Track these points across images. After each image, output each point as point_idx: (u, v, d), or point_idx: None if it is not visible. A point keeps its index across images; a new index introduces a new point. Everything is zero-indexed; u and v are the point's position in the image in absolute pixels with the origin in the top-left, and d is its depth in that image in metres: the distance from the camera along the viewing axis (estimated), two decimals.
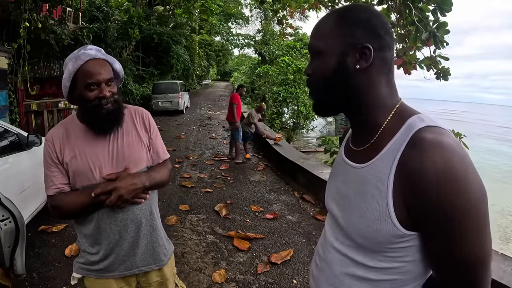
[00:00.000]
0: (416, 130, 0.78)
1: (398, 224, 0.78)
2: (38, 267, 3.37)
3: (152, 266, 1.60)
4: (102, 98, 1.40)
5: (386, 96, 0.88)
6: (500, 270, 2.34)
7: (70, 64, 1.39)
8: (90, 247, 1.52)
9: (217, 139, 10.93)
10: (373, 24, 0.85)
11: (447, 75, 4.57)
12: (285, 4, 7.74)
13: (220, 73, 62.09)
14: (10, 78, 8.24)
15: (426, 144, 0.74)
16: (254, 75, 23.98)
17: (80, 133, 1.48)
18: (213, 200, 5.28)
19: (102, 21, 14.06)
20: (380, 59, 0.86)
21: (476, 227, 0.73)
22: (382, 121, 0.87)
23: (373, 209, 0.81)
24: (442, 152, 0.72)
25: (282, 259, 3.49)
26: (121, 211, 1.48)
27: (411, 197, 0.76)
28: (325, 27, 0.90)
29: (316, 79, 0.91)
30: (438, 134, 0.76)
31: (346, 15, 0.87)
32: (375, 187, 0.82)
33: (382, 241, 0.81)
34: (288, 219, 4.61)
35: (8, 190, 3.31)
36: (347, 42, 0.85)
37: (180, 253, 3.63)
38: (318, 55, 0.90)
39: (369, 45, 0.83)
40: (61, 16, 9.78)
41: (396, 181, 0.78)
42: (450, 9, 3.65)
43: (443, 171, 0.71)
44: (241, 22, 45.99)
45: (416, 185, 0.74)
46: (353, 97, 0.88)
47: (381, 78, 0.87)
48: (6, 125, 3.76)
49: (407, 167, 0.76)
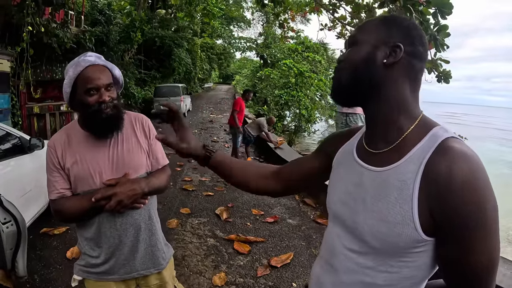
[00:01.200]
0: (443, 139, 0.80)
1: (420, 230, 0.79)
2: (40, 269, 3.39)
3: (151, 270, 1.62)
4: (101, 103, 1.43)
5: (411, 102, 0.91)
6: (499, 273, 2.34)
7: (71, 70, 1.43)
8: (91, 250, 1.54)
9: (218, 143, 10.95)
10: (411, 32, 0.90)
11: (448, 77, 4.56)
12: (287, 7, 7.76)
13: (222, 76, 62.16)
14: (12, 81, 8.27)
15: (454, 152, 0.77)
16: (256, 78, 24.00)
17: (81, 139, 1.51)
18: (214, 204, 5.28)
19: (104, 24, 14.11)
20: (408, 63, 0.89)
21: (489, 237, 0.75)
22: (406, 126, 0.88)
23: (396, 212, 0.81)
24: (469, 162, 0.75)
25: (282, 263, 3.50)
26: (121, 216, 1.51)
27: (436, 202, 0.77)
28: (369, 24, 0.96)
29: (345, 65, 0.95)
30: (463, 145, 0.79)
31: (390, 19, 0.94)
32: (398, 191, 0.82)
33: (402, 246, 0.82)
34: (288, 222, 4.61)
35: (10, 193, 3.33)
36: (382, 37, 0.90)
37: (180, 256, 3.63)
38: (354, 45, 0.95)
39: (401, 45, 0.87)
40: (64, 20, 9.85)
41: (422, 185, 0.79)
42: (451, 12, 3.66)
43: (468, 179, 0.74)
44: (243, 25, 46.19)
45: (443, 190, 0.76)
46: (376, 90, 0.90)
47: (405, 81, 0.90)
48: (8, 128, 3.78)
49: (434, 173, 0.77)
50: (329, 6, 6.75)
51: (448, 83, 4.59)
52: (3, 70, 7.46)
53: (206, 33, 36.98)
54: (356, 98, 0.96)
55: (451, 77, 4.55)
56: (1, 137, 3.62)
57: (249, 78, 29.06)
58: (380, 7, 4.65)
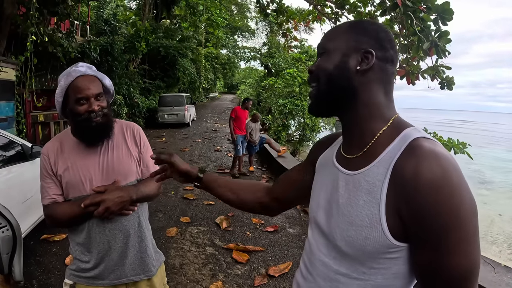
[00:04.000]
0: (412, 139, 0.78)
1: (388, 233, 0.77)
2: (38, 274, 3.39)
3: (141, 276, 1.63)
4: (91, 112, 1.47)
5: (384, 106, 0.90)
6: (502, 282, 2.29)
7: (62, 80, 1.48)
8: (81, 254, 1.56)
9: (221, 152, 10.94)
10: (381, 36, 0.90)
11: (452, 84, 4.55)
12: (289, 17, 7.81)
13: (227, 85, 62.52)
14: (17, 89, 8.37)
15: (423, 152, 0.74)
16: (260, 87, 24.09)
17: (73, 147, 1.55)
18: (215, 213, 5.25)
19: (109, 34, 14.28)
20: (380, 68, 0.89)
21: (466, 238, 0.71)
22: (378, 130, 0.87)
23: (364, 215, 0.80)
24: (439, 161, 0.72)
25: (280, 272, 3.45)
26: (110, 222, 1.53)
27: (404, 204, 0.75)
28: (336, 31, 0.96)
29: (318, 75, 0.94)
30: (434, 144, 0.76)
31: (357, 24, 0.94)
32: (368, 193, 0.81)
33: (370, 250, 0.80)
34: (288, 231, 4.56)
35: (11, 199, 3.35)
36: (352, 45, 0.89)
37: (178, 264, 3.60)
38: (324, 54, 0.94)
39: (372, 51, 0.87)
40: (69, 30, 9.98)
41: (390, 187, 0.77)
42: (451, 18, 3.65)
43: (436, 178, 0.71)
44: (247, 35, 46.65)
45: (410, 191, 0.73)
46: (350, 98, 0.90)
47: (379, 86, 0.89)
48: (11, 136, 3.81)
49: (402, 174, 0.75)
50: (331, 15, 6.79)
51: (452, 90, 4.57)
52: (8, 79, 7.55)
53: (211, 43, 37.35)
54: (332, 107, 0.95)
55: (454, 84, 4.53)
56: (3, 145, 3.65)
57: (253, 88, 29.23)
58: (382, 15, 4.66)
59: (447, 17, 3.72)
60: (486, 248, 8.22)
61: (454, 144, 4.72)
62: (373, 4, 5.90)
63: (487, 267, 2.48)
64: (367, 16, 6.01)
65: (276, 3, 7.60)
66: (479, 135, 38.95)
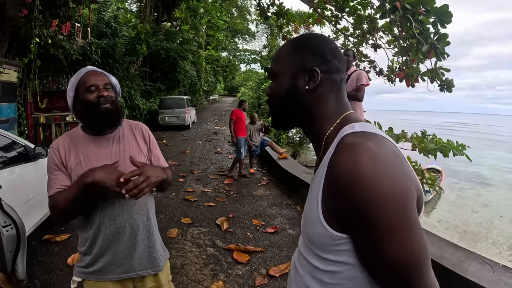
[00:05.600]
0: (341, 137, 0.83)
1: (328, 226, 0.81)
2: (41, 274, 3.42)
3: (149, 271, 1.65)
4: (100, 97, 1.54)
5: (334, 111, 0.94)
6: (501, 281, 2.31)
7: (73, 78, 1.58)
8: (89, 248, 1.58)
9: (222, 154, 10.96)
10: (322, 50, 0.94)
11: (451, 86, 4.59)
12: (289, 19, 7.85)
13: (228, 88, 62.56)
14: (19, 91, 8.41)
15: (342, 146, 0.80)
16: (261, 90, 24.14)
17: (85, 142, 1.59)
18: (215, 214, 5.27)
19: (110, 36, 14.33)
20: (328, 80, 0.94)
21: (396, 227, 0.70)
22: (326, 133, 0.93)
23: (312, 212, 0.86)
24: (352, 153, 0.75)
25: (281, 272, 3.47)
26: (121, 215, 1.55)
27: (330, 197, 0.80)
28: (281, 54, 1.00)
29: (273, 98, 1.01)
30: (358, 137, 0.79)
31: (298, 43, 0.97)
32: (314, 193, 0.86)
33: (319, 242, 0.85)
34: (288, 232, 4.58)
35: (14, 199, 3.37)
36: (297, 66, 0.94)
37: (179, 265, 3.62)
38: (275, 78, 1.00)
39: (317, 68, 0.92)
40: (70, 32, 10.02)
41: (325, 185, 0.82)
42: (450, 21, 3.69)
43: (350, 170, 0.74)
44: (247, 37, 46.74)
45: (332, 183, 0.79)
46: (305, 113, 0.96)
47: (329, 96, 0.95)
48: (14, 137, 3.85)
49: (330, 171, 0.80)
50: (331, 17, 6.84)
51: (451, 92, 4.61)
52: (10, 80, 7.60)
53: (211, 46, 37.44)
54: (290, 124, 1.04)
55: (453, 86, 4.56)
56: (6, 145, 3.69)
57: (254, 90, 29.25)
58: (382, 18, 4.70)
59: (445, 20, 3.76)
60: (487, 249, 8.25)
61: (453, 146, 4.74)
62: (372, 7, 5.95)
63: (485, 266, 2.50)
64: (366, 19, 6.06)
65: (277, 6, 7.65)
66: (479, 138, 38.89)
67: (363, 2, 6.00)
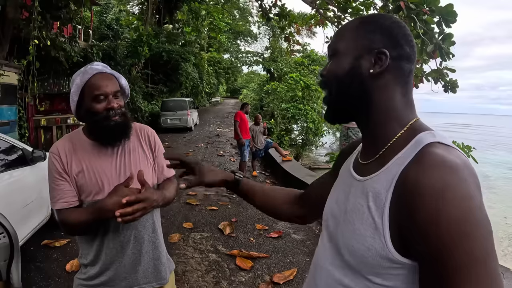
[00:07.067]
0: (424, 145, 0.71)
1: (391, 245, 0.70)
2: (38, 281, 3.34)
3: (153, 284, 1.57)
4: (110, 109, 1.40)
5: (401, 109, 0.82)
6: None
7: (78, 78, 1.41)
8: (91, 261, 1.49)
9: (224, 157, 10.89)
10: (395, 32, 0.82)
11: (455, 87, 4.50)
12: (292, 21, 7.80)
13: (230, 90, 62.68)
14: (20, 93, 8.38)
15: (429, 158, 0.67)
16: (263, 92, 24.14)
17: (87, 148, 1.47)
18: (218, 218, 5.19)
19: (112, 39, 14.35)
20: (396, 68, 0.81)
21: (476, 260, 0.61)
22: (393, 135, 0.80)
23: (368, 224, 0.74)
24: (443, 170, 0.65)
25: (285, 279, 3.38)
26: (126, 228, 1.47)
27: (405, 216, 0.67)
28: (347, 29, 0.88)
29: (330, 80, 0.88)
30: (447, 151, 0.69)
31: (369, 20, 0.86)
32: (373, 201, 0.74)
33: (371, 263, 0.73)
34: (293, 237, 4.50)
35: (11, 204, 3.32)
36: (364, 45, 0.82)
37: (181, 271, 3.54)
38: (335, 56, 0.87)
39: (386, 51, 0.79)
40: (72, 34, 10.01)
41: (394, 197, 0.71)
42: (455, 20, 3.61)
43: (438, 190, 0.63)
44: (249, 39, 46.76)
45: (410, 202, 0.66)
46: (365, 102, 0.83)
47: (396, 88, 0.82)
48: (11, 140, 3.78)
49: (405, 182, 0.69)
50: (334, 18, 6.76)
51: (455, 93, 4.52)
52: (10, 83, 7.57)
53: (213, 48, 37.46)
54: (347, 114, 0.90)
55: (457, 86, 4.48)
56: (4, 149, 3.61)
57: (256, 92, 29.27)
58: None
59: (450, 20, 3.68)
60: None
61: (458, 147, 4.66)
62: (375, 7, 5.88)
63: None
64: None
65: (279, 7, 7.59)
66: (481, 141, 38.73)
67: (365, 3, 5.93)
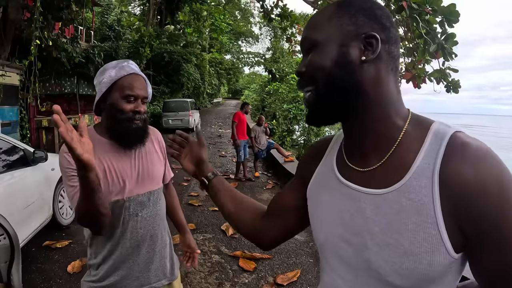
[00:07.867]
0: (449, 137, 0.66)
1: (452, 251, 0.64)
2: (40, 282, 3.33)
3: (163, 282, 1.58)
4: (136, 112, 1.42)
5: (396, 100, 0.73)
6: None
7: (113, 72, 1.39)
8: (102, 261, 1.46)
9: (226, 157, 10.87)
10: (379, 14, 0.72)
11: (457, 87, 4.48)
12: (293, 21, 7.77)
13: (231, 91, 62.61)
14: (21, 94, 8.38)
15: (473, 151, 0.63)
16: (265, 93, 24.11)
17: (105, 147, 1.45)
18: (220, 219, 5.15)
19: (113, 40, 14.38)
20: (387, 53, 0.72)
21: None
22: (396, 131, 0.72)
23: (422, 240, 0.64)
24: (494, 161, 0.62)
25: (289, 280, 3.35)
26: (143, 227, 1.48)
27: (466, 216, 0.62)
28: (324, 17, 0.75)
29: (314, 76, 0.74)
30: (475, 139, 0.65)
31: (347, 3, 0.74)
32: (416, 214, 0.65)
33: (433, 276, 0.66)
34: (296, 238, 4.46)
35: (12, 205, 3.31)
36: (349, 31, 0.71)
37: (183, 273, 3.51)
38: (314, 48, 0.74)
39: (376, 34, 0.70)
40: (73, 35, 10.00)
41: (443, 200, 0.63)
42: (458, 20, 3.59)
43: (502, 182, 0.61)
44: (251, 40, 46.78)
45: (476, 201, 0.61)
46: (358, 98, 0.72)
47: (389, 76, 0.72)
48: (12, 141, 3.77)
49: (457, 182, 0.62)
50: None
51: (457, 93, 4.50)
52: (12, 83, 7.58)
53: (215, 48, 37.49)
54: (336, 113, 0.77)
55: (460, 87, 4.46)
56: (5, 149, 3.61)
57: (257, 93, 29.24)
58: None
59: (453, 19, 3.66)
60: None
61: None
62: None
63: None
64: None
65: (280, 8, 7.57)
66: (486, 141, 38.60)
67: None
